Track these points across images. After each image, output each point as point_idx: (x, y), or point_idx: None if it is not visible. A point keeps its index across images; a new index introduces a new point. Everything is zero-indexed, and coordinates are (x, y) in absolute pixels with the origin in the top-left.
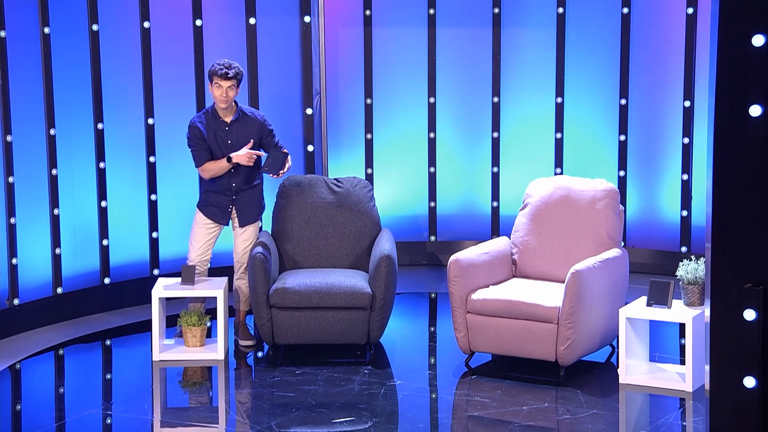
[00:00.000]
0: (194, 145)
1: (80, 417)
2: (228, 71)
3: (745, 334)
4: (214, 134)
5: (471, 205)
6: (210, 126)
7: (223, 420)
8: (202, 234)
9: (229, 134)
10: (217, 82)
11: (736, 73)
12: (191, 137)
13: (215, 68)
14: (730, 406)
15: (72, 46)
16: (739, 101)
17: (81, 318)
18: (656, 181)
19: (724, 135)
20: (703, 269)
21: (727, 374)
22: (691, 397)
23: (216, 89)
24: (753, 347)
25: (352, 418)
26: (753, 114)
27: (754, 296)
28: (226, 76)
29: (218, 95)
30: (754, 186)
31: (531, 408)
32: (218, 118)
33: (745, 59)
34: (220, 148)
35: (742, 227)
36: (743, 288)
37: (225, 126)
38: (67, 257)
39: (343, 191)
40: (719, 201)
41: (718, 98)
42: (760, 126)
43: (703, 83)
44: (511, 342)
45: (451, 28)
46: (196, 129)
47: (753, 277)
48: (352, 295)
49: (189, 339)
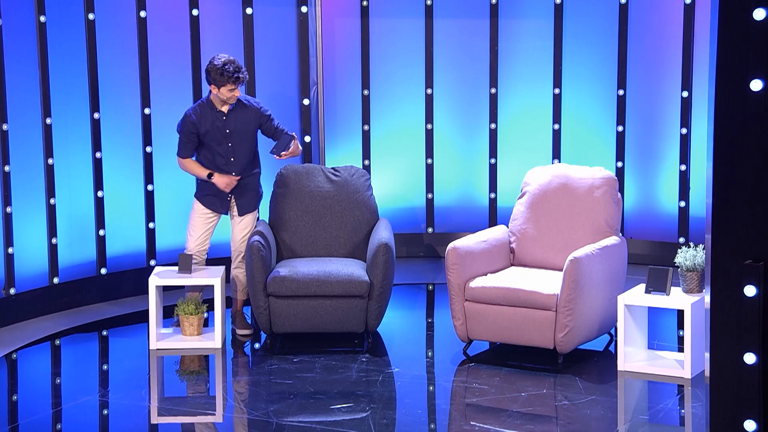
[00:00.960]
0: (183, 136)
1: (77, 404)
2: (240, 75)
3: (746, 311)
4: (212, 124)
5: (468, 196)
6: (207, 116)
7: (221, 407)
8: (200, 224)
9: (227, 123)
10: (231, 87)
11: (737, 48)
12: (184, 128)
13: (228, 76)
14: (731, 382)
15: (68, 35)
16: (740, 76)
17: (77, 308)
18: (654, 172)
19: (725, 110)
20: (701, 256)
21: (727, 351)
22: (690, 383)
23: (227, 92)
24: (753, 324)
25: (350, 405)
26: (754, 89)
27: (755, 272)
28: (242, 81)
29: (229, 97)
30: (755, 162)
31: (529, 394)
32: (215, 108)
33: (746, 33)
34: (217, 138)
35: (744, 203)
36: (744, 264)
37: (222, 116)
38: (63, 247)
39: (340, 180)
40: (720, 177)
41: (719, 73)
42: (761, 100)
43: (701, 74)
44: (510, 330)
45: (449, 18)
46: (191, 122)
47: (754, 254)
48: (350, 283)
49: (186, 328)
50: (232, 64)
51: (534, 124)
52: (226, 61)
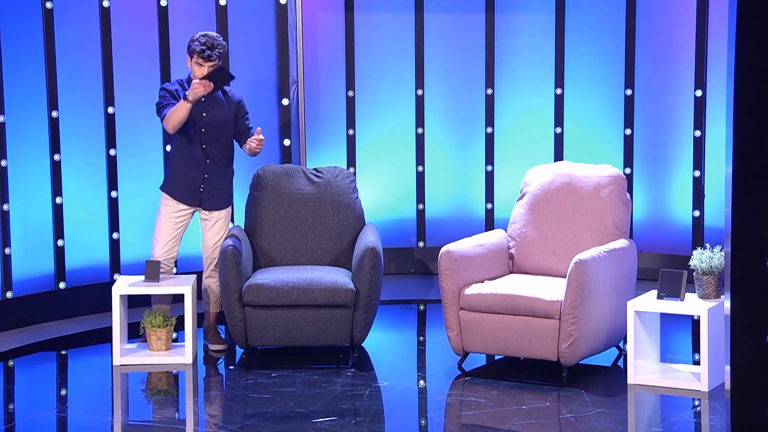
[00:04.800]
0: (164, 101)
1: (32, 419)
2: (211, 53)
3: None
4: None
5: (463, 207)
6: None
7: (192, 422)
8: (168, 227)
9: (204, 106)
10: (198, 62)
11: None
12: (162, 95)
13: (196, 46)
14: (751, 361)
15: (23, 25)
16: None
17: (32, 326)
18: (665, 179)
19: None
20: (718, 258)
21: (747, 328)
22: (707, 396)
23: (197, 68)
24: None
25: (333, 418)
26: None
27: None
28: (208, 59)
29: (198, 72)
30: None
31: (531, 407)
32: None
33: None
34: (194, 120)
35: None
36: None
37: (202, 98)
38: (17, 258)
39: (323, 182)
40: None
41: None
42: None
43: (716, 71)
44: (509, 340)
45: (441, 13)
46: (170, 87)
47: None
48: (334, 291)
49: (153, 342)
50: (209, 39)
51: (534, 128)
52: (205, 34)
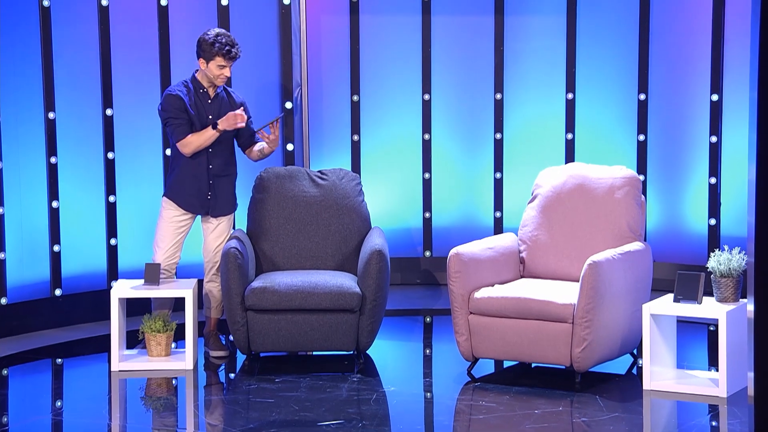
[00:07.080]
0: (174, 117)
1: (26, 423)
2: (237, 51)
3: None
4: (196, 107)
5: (471, 215)
6: (191, 96)
7: (192, 425)
8: (170, 231)
9: (211, 108)
10: (221, 63)
11: None
12: (170, 108)
13: (219, 47)
14: None
15: (19, 24)
16: None
17: (27, 334)
18: (680, 186)
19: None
20: (737, 260)
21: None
22: (726, 402)
23: (216, 68)
24: None
25: (339, 422)
26: None
27: None
28: (235, 57)
29: (217, 75)
30: None
31: (543, 411)
32: (200, 89)
33: None
34: (200, 123)
35: None
36: None
37: (208, 99)
38: (12, 264)
39: (327, 184)
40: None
41: None
42: None
43: (733, 74)
44: (520, 345)
45: (448, 15)
46: (178, 99)
47: None
48: (339, 295)
49: (153, 347)
50: (226, 37)
51: (544, 134)
52: (219, 33)
